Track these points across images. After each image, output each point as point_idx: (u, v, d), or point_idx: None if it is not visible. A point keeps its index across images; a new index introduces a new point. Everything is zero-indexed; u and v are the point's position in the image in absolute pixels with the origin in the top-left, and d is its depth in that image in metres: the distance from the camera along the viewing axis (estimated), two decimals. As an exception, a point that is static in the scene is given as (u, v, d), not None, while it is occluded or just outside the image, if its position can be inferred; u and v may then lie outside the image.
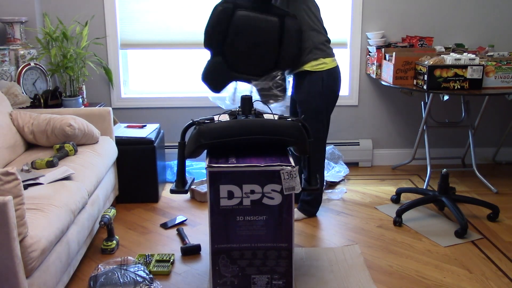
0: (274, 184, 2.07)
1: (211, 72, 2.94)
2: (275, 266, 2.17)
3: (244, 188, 2.08)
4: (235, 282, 2.18)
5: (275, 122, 2.21)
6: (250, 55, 2.89)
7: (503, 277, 2.51)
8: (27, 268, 1.89)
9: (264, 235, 2.13)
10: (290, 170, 2.05)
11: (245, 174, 2.06)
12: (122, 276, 2.33)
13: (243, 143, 2.20)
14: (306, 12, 2.93)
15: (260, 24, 2.82)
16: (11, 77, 3.41)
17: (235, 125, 2.19)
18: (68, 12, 3.85)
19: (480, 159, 4.17)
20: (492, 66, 3.36)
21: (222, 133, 2.17)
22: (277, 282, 2.18)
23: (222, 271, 2.17)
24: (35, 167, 2.67)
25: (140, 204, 3.46)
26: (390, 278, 2.50)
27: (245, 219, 2.12)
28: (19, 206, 1.86)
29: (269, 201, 2.10)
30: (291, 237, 2.14)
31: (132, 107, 4.09)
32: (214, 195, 2.09)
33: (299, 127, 2.22)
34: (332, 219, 3.20)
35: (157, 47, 4.03)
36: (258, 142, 2.22)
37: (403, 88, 3.58)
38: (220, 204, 2.10)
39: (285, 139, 2.19)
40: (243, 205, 2.10)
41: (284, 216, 2.12)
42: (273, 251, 2.15)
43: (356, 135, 4.25)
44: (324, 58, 2.97)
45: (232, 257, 2.16)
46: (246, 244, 2.14)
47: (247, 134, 2.17)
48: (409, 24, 4.03)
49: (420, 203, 3.20)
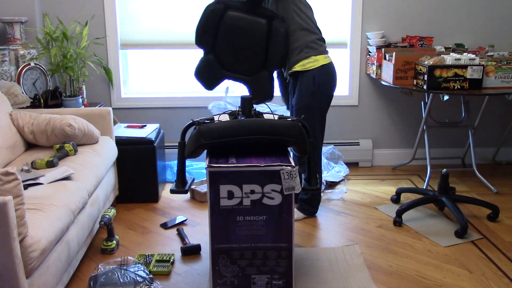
0: (274, 184, 2.07)
1: (203, 69, 2.99)
2: (275, 266, 2.17)
3: (244, 188, 2.08)
4: (235, 282, 2.18)
5: (275, 122, 2.22)
6: (239, 55, 2.93)
7: (503, 277, 2.51)
8: (27, 268, 1.89)
9: (264, 235, 2.13)
10: (290, 170, 2.05)
11: (245, 174, 2.06)
12: (122, 276, 2.34)
13: (243, 143, 2.20)
14: (296, 12, 2.95)
15: (248, 26, 2.86)
16: (11, 77, 3.41)
17: (235, 125, 2.20)
18: (68, 12, 3.85)
19: (480, 159, 4.17)
20: (492, 66, 3.36)
21: (222, 133, 2.18)
22: (277, 282, 2.18)
23: (222, 271, 2.17)
24: (35, 167, 2.67)
25: (140, 204, 3.46)
26: (390, 278, 2.50)
27: (245, 219, 2.12)
28: (19, 206, 1.86)
29: (269, 201, 2.10)
30: (291, 237, 2.14)
31: (132, 107, 4.09)
32: (214, 195, 2.09)
33: (299, 127, 2.22)
34: (332, 219, 3.20)
35: (157, 47, 4.03)
36: (258, 142, 2.22)
37: (403, 88, 3.58)
38: (220, 204, 2.10)
39: (285, 139, 2.19)
40: (243, 205, 2.10)
41: (284, 216, 2.12)
42: (273, 251, 2.15)
43: (356, 135, 4.25)
44: (316, 55, 2.97)
45: (232, 257, 2.16)
46: (246, 244, 2.14)
47: (247, 134, 2.17)
48: (409, 24, 4.03)
49: (420, 203, 3.20)
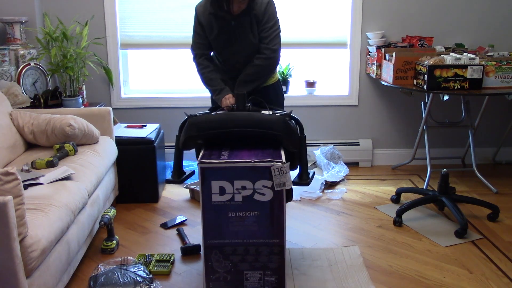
0: (265, 180, 2.09)
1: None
2: (267, 262, 2.18)
3: (236, 184, 2.09)
4: (228, 278, 2.20)
5: (261, 116, 2.27)
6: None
7: (503, 277, 2.51)
8: (27, 268, 1.89)
9: (256, 231, 2.15)
10: (280, 166, 2.07)
11: (236, 170, 2.08)
12: (122, 276, 2.34)
13: (233, 136, 2.25)
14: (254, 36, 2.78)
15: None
16: (11, 77, 3.41)
17: (222, 118, 2.28)
18: (68, 12, 3.85)
19: (480, 159, 4.17)
20: (492, 66, 3.36)
21: (209, 125, 2.26)
22: (269, 278, 2.19)
23: (215, 267, 2.19)
24: (35, 167, 2.67)
25: (140, 204, 3.46)
26: (390, 278, 2.50)
27: (237, 215, 2.13)
28: (19, 206, 1.86)
29: (261, 197, 2.11)
30: (283, 233, 2.16)
31: (132, 107, 4.09)
32: (206, 191, 2.11)
33: (284, 120, 2.25)
34: (332, 219, 3.20)
35: (157, 47, 4.03)
36: (248, 136, 2.26)
37: (403, 88, 3.58)
38: (212, 200, 2.11)
39: (270, 132, 2.23)
40: (235, 201, 2.11)
41: (275, 212, 2.13)
42: (265, 247, 2.17)
43: (356, 135, 4.25)
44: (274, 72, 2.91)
45: (224, 253, 2.17)
46: (238, 240, 2.16)
47: (233, 126, 2.23)
48: (409, 24, 4.03)
49: (420, 203, 3.20)
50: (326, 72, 4.25)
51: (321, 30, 4.04)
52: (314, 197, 3.53)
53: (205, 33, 2.67)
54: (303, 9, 3.99)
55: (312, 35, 4.04)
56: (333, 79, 4.26)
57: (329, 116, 4.20)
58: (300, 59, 4.20)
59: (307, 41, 4.05)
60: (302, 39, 4.04)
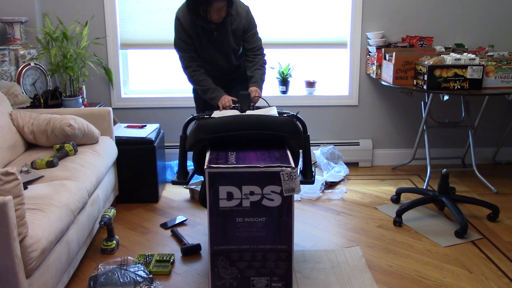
0: (274, 185, 2.06)
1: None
2: (274, 268, 2.15)
3: (244, 189, 2.06)
4: (234, 284, 2.17)
5: (270, 118, 2.29)
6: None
7: (503, 277, 2.51)
8: (27, 268, 1.89)
9: (263, 237, 2.12)
10: (290, 171, 2.04)
11: (244, 175, 2.05)
12: (122, 276, 2.33)
13: (241, 138, 2.25)
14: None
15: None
16: (11, 77, 3.41)
17: (232, 120, 2.28)
18: (68, 12, 3.85)
19: (480, 159, 4.17)
20: (492, 66, 3.36)
21: (219, 128, 2.25)
22: (276, 284, 2.17)
23: (221, 273, 2.16)
24: (35, 167, 2.67)
25: (140, 204, 3.45)
26: (390, 278, 2.50)
27: (244, 220, 2.10)
28: (19, 206, 1.86)
29: (269, 202, 2.08)
30: (291, 239, 2.13)
31: (132, 107, 4.09)
32: (213, 196, 2.07)
33: (293, 122, 2.28)
34: (332, 219, 3.20)
35: (157, 47, 4.03)
36: (255, 137, 2.26)
37: (403, 88, 3.58)
38: (219, 205, 2.09)
39: (280, 134, 2.24)
40: (243, 206, 2.08)
41: (284, 218, 2.10)
42: (273, 253, 2.14)
43: (356, 135, 4.25)
44: None
45: (231, 259, 2.15)
46: (246, 246, 2.13)
47: (243, 129, 2.23)
48: (409, 24, 4.03)
49: (420, 203, 3.20)
50: (326, 72, 4.25)
51: (321, 30, 4.04)
52: (314, 197, 3.53)
53: (192, 40, 2.85)
54: (303, 9, 3.99)
55: (312, 35, 4.04)
56: (333, 79, 4.26)
57: (329, 116, 4.20)
58: (300, 59, 4.20)
59: (307, 41, 4.05)
60: (302, 39, 4.04)
